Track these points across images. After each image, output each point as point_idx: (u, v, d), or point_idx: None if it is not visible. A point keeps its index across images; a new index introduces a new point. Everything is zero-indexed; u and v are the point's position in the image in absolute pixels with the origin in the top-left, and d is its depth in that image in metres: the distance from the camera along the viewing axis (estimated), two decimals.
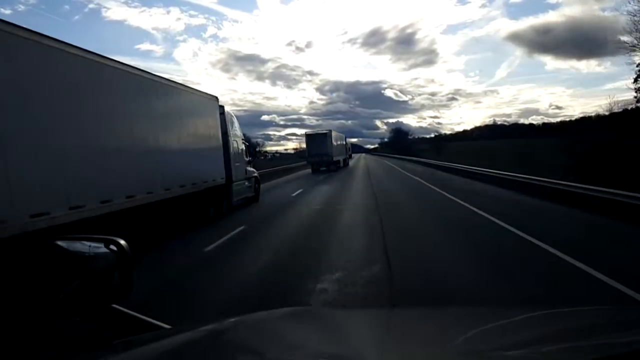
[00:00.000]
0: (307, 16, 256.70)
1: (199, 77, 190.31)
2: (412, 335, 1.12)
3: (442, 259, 5.59)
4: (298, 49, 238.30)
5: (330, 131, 32.88)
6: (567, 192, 10.22)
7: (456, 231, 7.55)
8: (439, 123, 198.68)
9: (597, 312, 1.33)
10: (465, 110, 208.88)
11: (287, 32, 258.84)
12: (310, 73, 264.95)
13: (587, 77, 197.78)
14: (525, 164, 21.29)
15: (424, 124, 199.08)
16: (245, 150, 13.05)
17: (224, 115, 11.09)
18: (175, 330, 1.14)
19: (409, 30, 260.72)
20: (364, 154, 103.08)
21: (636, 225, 7.22)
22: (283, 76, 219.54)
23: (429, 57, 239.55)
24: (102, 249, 1.11)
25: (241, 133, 12.96)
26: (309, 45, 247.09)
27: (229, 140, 11.24)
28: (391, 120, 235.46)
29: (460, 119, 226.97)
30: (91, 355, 0.99)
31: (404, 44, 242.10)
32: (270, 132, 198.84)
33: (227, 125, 11.18)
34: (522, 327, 1.14)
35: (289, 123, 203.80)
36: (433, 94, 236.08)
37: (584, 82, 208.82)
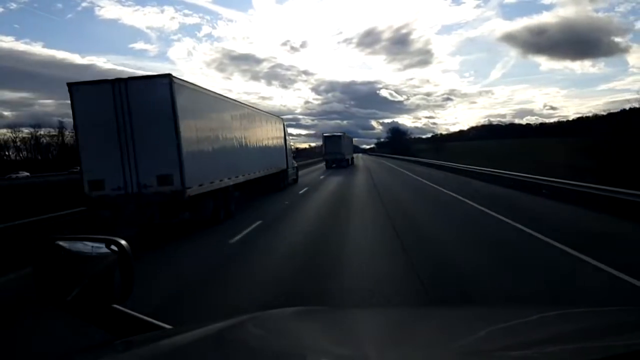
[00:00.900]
0: (302, 16, 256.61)
1: (194, 76, 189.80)
2: (413, 335, 1.12)
3: None
4: (293, 48, 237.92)
5: (343, 134, 38.33)
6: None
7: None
8: (434, 123, 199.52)
9: (598, 313, 1.33)
10: (460, 110, 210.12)
11: (282, 31, 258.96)
12: (306, 73, 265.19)
13: (581, 78, 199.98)
14: (546, 166, 19.41)
15: (419, 124, 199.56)
16: (291, 149, 20.22)
17: (284, 128, 18.35)
18: (176, 330, 1.14)
19: (404, 31, 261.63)
20: (360, 154, 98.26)
21: None
22: (278, 76, 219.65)
23: (424, 57, 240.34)
24: (103, 249, 1.11)
25: (288, 138, 19.67)
26: (304, 45, 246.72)
27: (286, 143, 18.28)
28: (387, 121, 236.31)
29: (455, 119, 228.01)
30: (91, 355, 1.01)
31: (399, 44, 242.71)
32: None
33: (285, 134, 18.26)
34: (522, 327, 1.13)
35: (285, 123, 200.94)
36: (428, 94, 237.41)
37: (578, 83, 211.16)
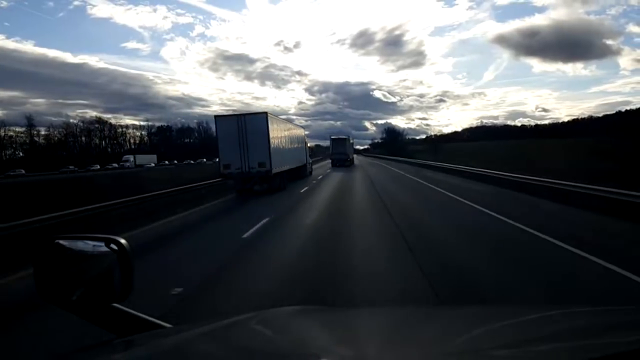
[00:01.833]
0: (295, 16, 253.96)
1: (187, 76, 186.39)
2: (413, 335, 1.11)
3: None
4: (286, 49, 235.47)
5: (348, 137, 45.24)
6: None
7: None
8: (427, 124, 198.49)
9: (598, 312, 1.32)
10: (453, 112, 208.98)
11: (276, 32, 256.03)
12: (299, 73, 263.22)
13: (573, 80, 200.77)
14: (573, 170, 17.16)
15: (412, 125, 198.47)
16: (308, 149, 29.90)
17: (304, 134, 28.81)
18: (176, 329, 1.14)
19: (397, 32, 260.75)
20: (355, 155, 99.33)
21: None
22: (272, 76, 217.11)
23: (417, 58, 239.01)
24: (103, 247, 1.11)
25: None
26: (297, 45, 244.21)
27: (305, 145, 28.10)
28: (380, 122, 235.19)
29: (448, 120, 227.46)
30: (91, 354, 1.01)
31: (392, 46, 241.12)
32: None
33: (305, 139, 28.32)
34: (522, 326, 1.13)
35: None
36: (421, 96, 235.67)
37: (570, 85, 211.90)
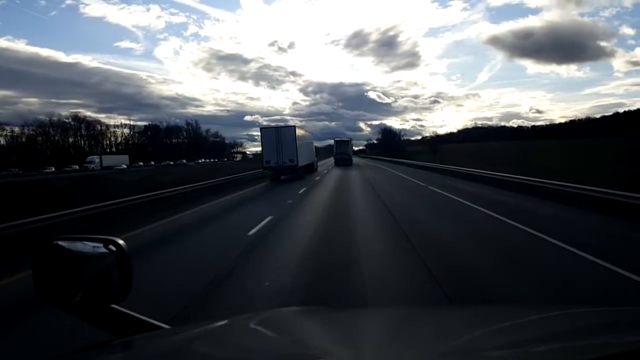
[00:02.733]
0: (289, 17, 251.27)
1: (181, 76, 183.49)
2: (413, 335, 1.09)
3: None
4: (281, 49, 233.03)
5: (350, 139, 52.63)
6: None
7: None
8: (421, 125, 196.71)
9: (597, 313, 1.30)
10: (447, 113, 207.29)
11: (270, 32, 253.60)
12: (294, 74, 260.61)
13: (567, 82, 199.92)
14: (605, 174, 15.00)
15: (406, 126, 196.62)
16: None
17: (312, 138, 35.01)
18: (175, 330, 1.15)
19: (391, 33, 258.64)
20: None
21: None
22: (266, 76, 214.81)
23: (411, 59, 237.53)
24: (102, 248, 1.10)
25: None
26: (291, 45, 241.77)
27: (313, 147, 35.55)
28: (374, 123, 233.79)
29: (442, 121, 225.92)
30: (90, 355, 1.00)
31: (386, 46, 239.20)
32: (254, 133, 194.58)
33: (311, 141, 34.90)
34: (521, 327, 1.12)
35: (273, 124, 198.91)
36: (416, 97, 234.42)
37: (563, 87, 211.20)
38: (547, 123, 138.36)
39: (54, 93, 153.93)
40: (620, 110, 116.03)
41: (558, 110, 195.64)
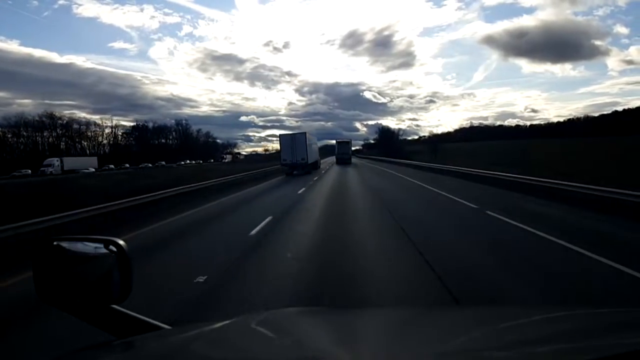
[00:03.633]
0: (284, 17, 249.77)
1: (176, 76, 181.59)
2: (413, 335, 1.09)
3: None
4: (276, 49, 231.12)
5: (350, 140, 60.05)
6: None
7: None
8: (417, 125, 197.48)
9: (597, 313, 1.30)
10: (443, 112, 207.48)
11: (265, 32, 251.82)
12: (289, 74, 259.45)
13: (562, 81, 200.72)
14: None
15: (403, 126, 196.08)
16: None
17: (317, 141, 45.30)
18: (175, 330, 1.14)
19: (386, 33, 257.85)
20: None
21: None
22: (261, 77, 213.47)
23: (407, 59, 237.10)
24: (102, 249, 1.10)
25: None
26: (286, 45, 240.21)
27: (317, 148, 43.41)
28: (370, 123, 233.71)
29: (438, 121, 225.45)
30: (90, 356, 1.00)
31: (382, 46, 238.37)
32: (250, 133, 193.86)
33: (316, 143, 43.78)
34: (522, 327, 1.12)
35: (269, 124, 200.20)
36: (411, 97, 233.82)
37: (558, 86, 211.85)
38: (543, 122, 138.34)
39: (48, 94, 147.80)
40: (619, 108, 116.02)
41: (553, 109, 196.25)
